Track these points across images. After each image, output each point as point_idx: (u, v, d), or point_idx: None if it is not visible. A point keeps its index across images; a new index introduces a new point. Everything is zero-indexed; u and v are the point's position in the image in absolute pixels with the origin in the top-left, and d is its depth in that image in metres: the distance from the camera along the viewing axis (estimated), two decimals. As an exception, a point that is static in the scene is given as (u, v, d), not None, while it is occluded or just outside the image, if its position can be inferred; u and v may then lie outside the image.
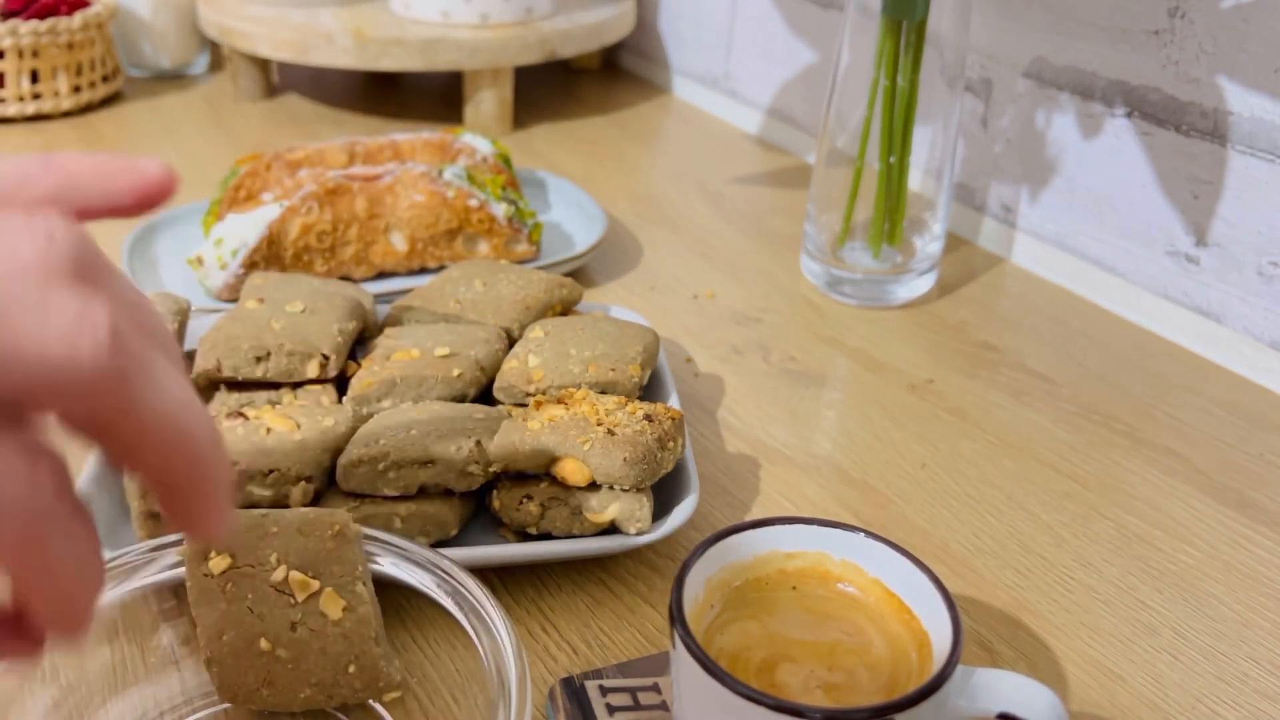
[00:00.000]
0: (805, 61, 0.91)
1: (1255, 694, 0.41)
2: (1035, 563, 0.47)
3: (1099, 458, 0.54)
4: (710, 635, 0.34)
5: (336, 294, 0.53)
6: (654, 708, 0.37)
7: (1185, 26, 0.62)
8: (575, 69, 1.15)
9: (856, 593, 0.35)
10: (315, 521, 0.38)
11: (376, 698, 0.38)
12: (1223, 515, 0.50)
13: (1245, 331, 0.62)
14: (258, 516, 0.39)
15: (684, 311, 0.67)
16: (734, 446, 0.54)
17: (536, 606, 0.44)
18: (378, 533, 0.40)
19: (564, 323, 0.53)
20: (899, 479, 0.52)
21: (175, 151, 0.89)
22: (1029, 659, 0.42)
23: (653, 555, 0.46)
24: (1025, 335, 0.66)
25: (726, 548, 0.35)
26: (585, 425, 0.44)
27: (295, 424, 0.45)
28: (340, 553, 0.37)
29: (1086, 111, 0.68)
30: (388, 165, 0.68)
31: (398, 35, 0.90)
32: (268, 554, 0.37)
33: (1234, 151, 0.61)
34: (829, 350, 0.63)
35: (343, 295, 0.53)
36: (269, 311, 0.50)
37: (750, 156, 0.93)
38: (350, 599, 0.37)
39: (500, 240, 0.67)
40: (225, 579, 0.37)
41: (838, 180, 0.67)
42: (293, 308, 0.51)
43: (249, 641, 0.36)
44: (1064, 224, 0.72)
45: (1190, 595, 0.46)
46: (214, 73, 1.09)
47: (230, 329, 0.49)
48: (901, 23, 0.61)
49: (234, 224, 0.63)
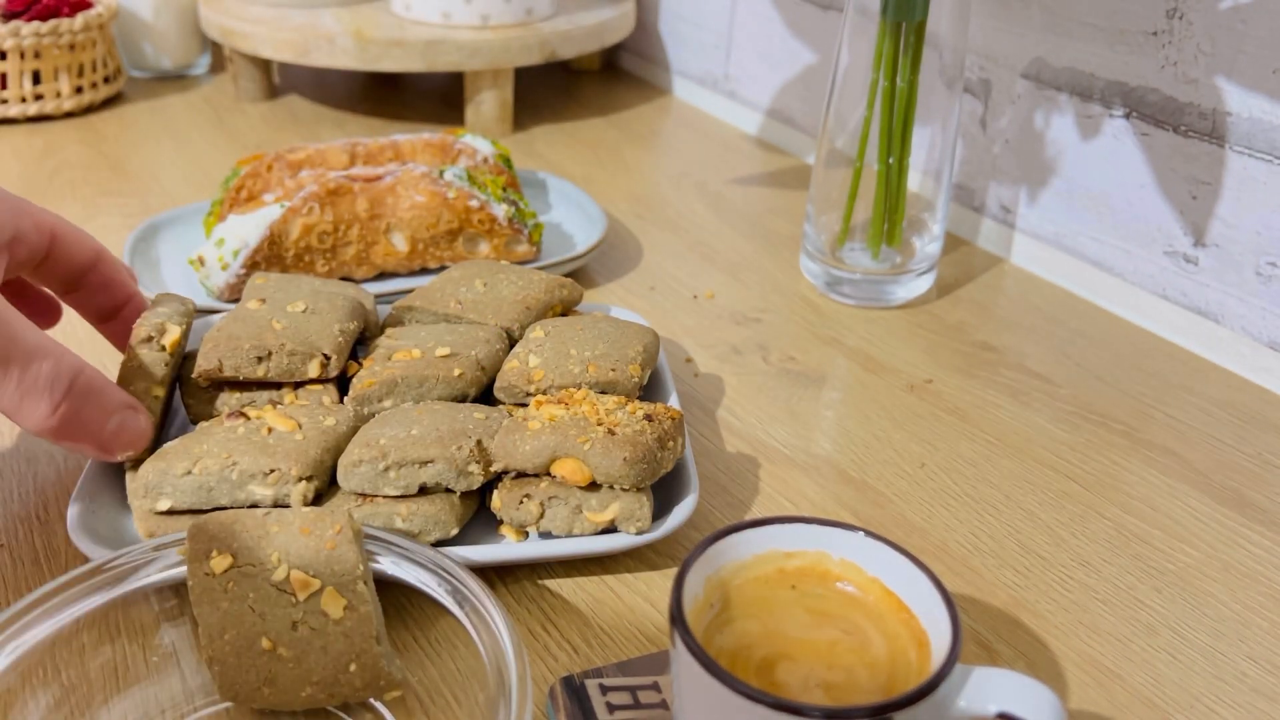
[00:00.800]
0: (805, 62, 0.91)
1: (1253, 693, 0.41)
2: (1034, 562, 0.47)
3: (1097, 457, 0.54)
4: (710, 634, 0.34)
5: (338, 294, 0.53)
6: (654, 706, 0.37)
7: (1184, 27, 0.62)
8: (575, 70, 1.15)
9: (856, 592, 0.35)
10: (316, 521, 0.38)
11: (377, 696, 0.38)
12: (1221, 515, 0.51)
13: (1243, 331, 0.62)
14: (259, 516, 0.39)
15: (684, 311, 0.67)
16: (734, 446, 0.54)
17: (536, 606, 0.44)
18: (378, 532, 0.41)
19: (564, 323, 0.53)
20: (898, 478, 0.52)
21: (176, 152, 0.89)
22: (1028, 658, 0.42)
23: (653, 555, 0.47)
24: (1024, 335, 0.66)
25: (726, 547, 0.35)
26: (585, 425, 0.44)
27: (296, 424, 0.45)
28: (341, 552, 0.38)
29: (1085, 112, 0.69)
30: (389, 166, 0.68)
31: (398, 36, 0.90)
32: (269, 553, 0.37)
33: (1232, 152, 0.61)
34: (828, 350, 0.63)
35: (344, 295, 0.53)
36: (270, 311, 0.50)
37: (750, 157, 0.93)
38: (351, 598, 0.37)
39: (501, 241, 0.67)
40: (226, 578, 0.37)
41: (837, 181, 0.67)
42: (294, 308, 0.51)
43: (250, 640, 0.36)
44: (1063, 224, 0.72)
45: (1188, 594, 0.46)
46: (215, 74, 1.09)
47: (232, 329, 0.49)
48: (901, 24, 0.61)
49: (235, 224, 0.63)
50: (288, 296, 0.52)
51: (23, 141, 0.90)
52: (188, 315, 0.49)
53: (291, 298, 0.52)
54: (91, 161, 0.87)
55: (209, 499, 0.43)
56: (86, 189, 0.81)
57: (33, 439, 0.53)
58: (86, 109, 0.97)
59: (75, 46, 0.95)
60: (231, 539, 0.38)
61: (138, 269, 0.65)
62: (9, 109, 0.93)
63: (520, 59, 0.93)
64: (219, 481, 0.43)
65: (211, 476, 0.43)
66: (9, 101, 0.93)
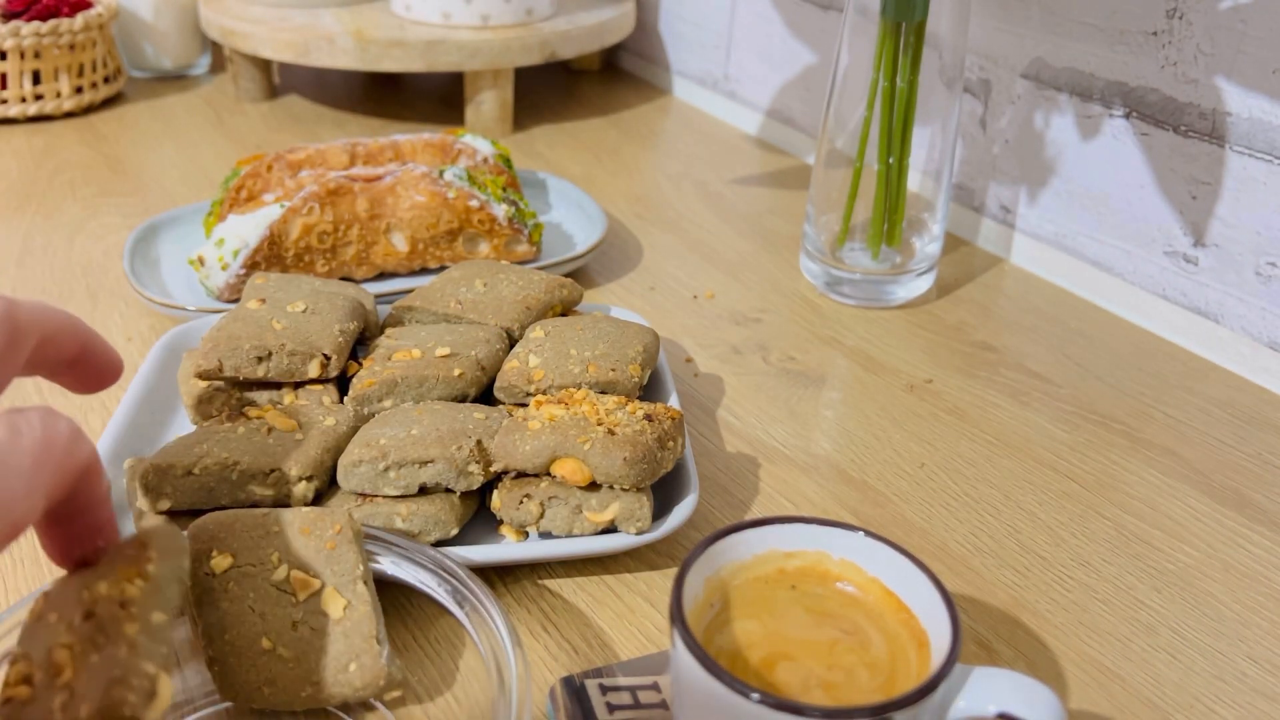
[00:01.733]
0: (804, 63, 0.91)
1: (1253, 693, 0.41)
2: (1033, 562, 0.47)
3: (1097, 457, 0.54)
4: (710, 634, 0.34)
5: (338, 294, 0.53)
6: (654, 706, 0.37)
7: (1183, 27, 0.62)
8: (575, 70, 1.15)
9: (855, 592, 0.35)
10: (316, 521, 0.38)
11: (377, 696, 0.38)
12: (1221, 515, 0.51)
13: (1243, 331, 0.62)
14: (259, 516, 0.39)
15: (684, 311, 0.67)
16: (734, 446, 0.54)
17: (537, 606, 0.44)
18: (378, 532, 0.41)
19: (564, 323, 0.53)
20: (898, 478, 0.52)
21: (177, 152, 0.89)
22: (1027, 658, 0.42)
23: (653, 555, 0.47)
24: (1024, 335, 0.66)
25: (726, 547, 0.35)
26: (585, 425, 0.44)
27: (296, 424, 0.45)
28: (341, 552, 0.38)
29: (1085, 112, 0.69)
30: (389, 166, 0.68)
31: (399, 36, 0.90)
32: (269, 553, 0.37)
33: (1232, 152, 0.61)
34: (828, 350, 0.63)
35: (344, 295, 0.53)
36: (271, 312, 0.50)
37: (750, 157, 0.93)
38: (351, 597, 0.37)
39: (501, 241, 0.67)
40: (226, 578, 0.37)
41: (837, 181, 0.67)
42: (294, 308, 0.51)
43: (250, 640, 0.36)
44: (1062, 224, 0.72)
45: (1188, 594, 0.46)
46: (215, 74, 1.09)
47: (232, 329, 0.49)
48: (900, 24, 0.61)
49: (235, 224, 0.63)
50: (288, 296, 0.52)
51: (23, 141, 0.90)
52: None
53: (292, 298, 0.52)
54: (91, 161, 0.87)
55: (209, 499, 0.43)
56: (86, 189, 0.82)
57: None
58: (86, 109, 0.97)
59: (75, 46, 0.95)
60: (232, 539, 0.38)
61: (138, 268, 0.65)
62: (9, 109, 0.93)
63: (520, 59, 0.93)
64: (219, 481, 0.43)
65: (211, 476, 0.43)
66: (9, 101, 0.93)
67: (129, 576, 0.33)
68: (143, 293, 0.61)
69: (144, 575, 0.33)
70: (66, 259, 0.71)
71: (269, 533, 0.38)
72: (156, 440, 0.50)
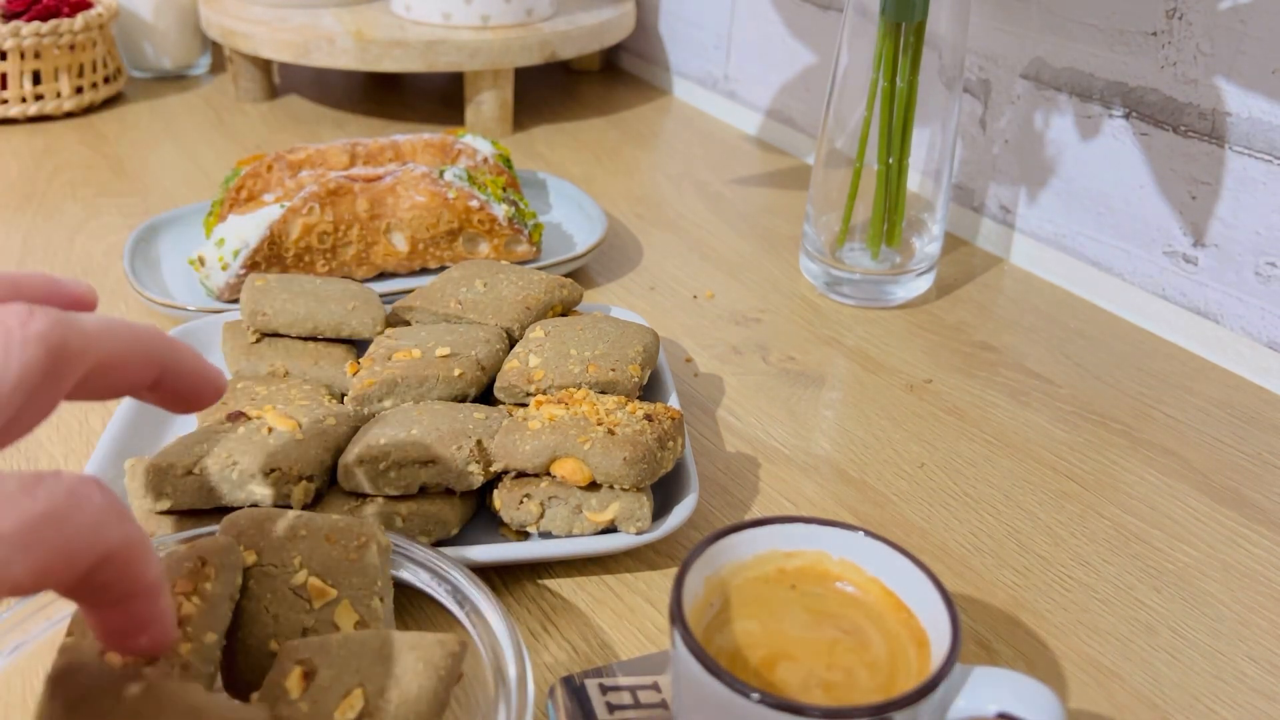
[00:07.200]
0: (804, 63, 0.91)
1: (1253, 693, 0.41)
2: (1033, 562, 0.47)
3: (1097, 457, 0.54)
4: (710, 634, 0.34)
5: (345, 292, 0.53)
6: (654, 706, 0.37)
7: (1183, 28, 0.62)
8: (575, 70, 1.15)
9: (855, 591, 0.35)
10: (344, 530, 0.38)
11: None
12: (1220, 514, 0.51)
13: (1243, 331, 0.63)
14: (291, 517, 0.38)
15: (684, 311, 0.67)
16: (733, 446, 0.54)
17: (537, 606, 0.44)
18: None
19: (564, 323, 0.53)
20: (897, 478, 0.52)
21: (177, 152, 0.89)
22: (1027, 658, 0.42)
23: (653, 555, 0.47)
24: (1023, 335, 0.66)
25: (726, 547, 0.35)
26: (585, 425, 0.44)
27: (296, 423, 0.45)
28: (362, 565, 0.37)
29: (1084, 113, 0.69)
30: (389, 166, 0.68)
31: (399, 37, 0.90)
32: (292, 556, 0.37)
33: (1232, 152, 0.61)
34: (828, 350, 0.63)
35: (348, 291, 0.53)
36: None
37: (749, 157, 0.93)
38: (364, 613, 0.36)
39: (501, 241, 0.67)
40: (248, 575, 0.37)
41: (837, 181, 0.67)
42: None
43: (260, 641, 0.36)
44: (1062, 224, 0.72)
45: (1188, 594, 0.46)
46: (215, 74, 1.09)
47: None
48: (900, 24, 0.61)
49: (235, 224, 0.63)
50: (289, 296, 0.52)
51: (23, 141, 0.90)
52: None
53: (298, 298, 0.52)
54: (91, 161, 0.87)
55: (209, 499, 0.43)
56: (86, 189, 0.82)
57: (31, 438, 0.52)
58: (86, 109, 0.97)
59: (75, 46, 0.95)
60: (260, 537, 0.37)
61: (138, 269, 0.65)
62: (9, 109, 0.93)
63: (520, 59, 0.93)
64: (219, 481, 0.43)
65: (211, 476, 0.43)
66: (9, 101, 0.93)
67: (186, 593, 0.33)
68: (143, 293, 0.61)
69: (201, 594, 0.34)
70: (66, 259, 0.71)
71: (296, 535, 0.37)
72: (156, 440, 0.50)
